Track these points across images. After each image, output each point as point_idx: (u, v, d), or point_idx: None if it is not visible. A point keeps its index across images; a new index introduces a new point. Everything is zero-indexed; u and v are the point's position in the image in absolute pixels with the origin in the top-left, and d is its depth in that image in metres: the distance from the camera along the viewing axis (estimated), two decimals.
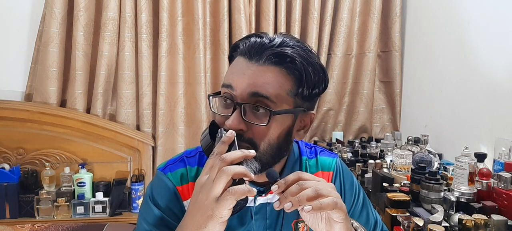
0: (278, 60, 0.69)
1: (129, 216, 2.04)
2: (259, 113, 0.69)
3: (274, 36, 0.72)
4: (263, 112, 0.69)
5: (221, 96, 0.72)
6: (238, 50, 0.73)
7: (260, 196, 0.78)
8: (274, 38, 0.71)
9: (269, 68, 0.69)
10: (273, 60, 0.69)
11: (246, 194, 0.58)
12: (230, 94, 0.70)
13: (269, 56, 0.69)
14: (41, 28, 2.08)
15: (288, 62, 0.69)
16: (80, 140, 2.10)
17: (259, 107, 0.68)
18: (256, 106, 0.69)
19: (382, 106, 2.52)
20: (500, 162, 1.36)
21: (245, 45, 0.72)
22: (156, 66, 2.20)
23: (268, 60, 0.69)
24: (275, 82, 0.69)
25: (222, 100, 0.73)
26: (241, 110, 0.68)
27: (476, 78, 1.67)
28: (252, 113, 0.69)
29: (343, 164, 0.90)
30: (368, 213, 0.88)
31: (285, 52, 0.69)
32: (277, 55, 0.69)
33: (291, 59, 0.69)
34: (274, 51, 0.69)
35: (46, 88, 2.05)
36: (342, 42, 2.35)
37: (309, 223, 0.67)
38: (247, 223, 0.78)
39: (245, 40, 0.73)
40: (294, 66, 0.69)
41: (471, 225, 1.06)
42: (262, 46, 0.70)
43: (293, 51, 0.69)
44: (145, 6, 2.13)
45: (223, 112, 0.72)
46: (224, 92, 0.72)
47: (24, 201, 1.97)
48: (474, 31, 1.70)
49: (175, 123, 2.25)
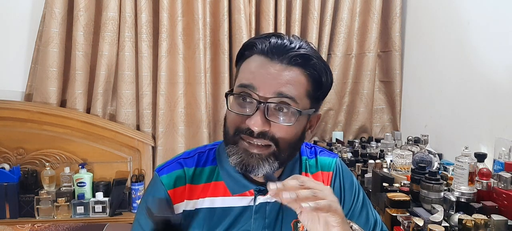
0: (302, 62, 0.70)
1: (129, 216, 2.04)
2: (282, 113, 0.70)
3: (291, 38, 0.73)
4: (286, 112, 0.70)
5: (241, 95, 0.71)
6: (255, 49, 0.72)
7: (260, 195, 0.78)
8: (292, 40, 0.72)
9: (292, 69, 0.70)
10: (298, 61, 0.70)
11: None
12: (251, 94, 0.69)
13: (293, 57, 0.69)
14: (41, 28, 2.08)
15: (311, 65, 0.71)
16: (80, 140, 2.10)
17: (283, 107, 0.69)
18: (279, 106, 0.69)
19: (382, 106, 2.52)
20: (500, 162, 1.36)
21: (266, 45, 0.71)
22: (156, 66, 2.20)
23: (293, 61, 0.70)
24: (298, 83, 0.70)
25: (239, 99, 0.71)
26: (264, 110, 0.68)
27: (476, 78, 1.67)
28: (275, 113, 0.70)
29: (343, 164, 0.91)
30: (368, 213, 0.88)
31: (309, 55, 0.71)
32: (302, 57, 0.70)
33: (313, 62, 0.71)
34: (298, 53, 0.70)
35: (46, 88, 2.05)
36: (342, 42, 2.35)
37: (308, 227, 0.67)
38: (246, 221, 0.78)
39: (263, 40, 0.72)
40: (314, 68, 0.71)
41: (471, 225, 1.06)
42: (285, 47, 0.70)
43: (313, 54, 0.71)
44: (145, 6, 2.13)
45: (240, 111, 0.71)
46: (242, 91, 0.71)
47: (24, 201, 1.97)
48: (474, 31, 1.70)
49: (175, 123, 2.25)
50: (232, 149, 0.72)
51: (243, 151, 0.71)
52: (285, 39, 0.72)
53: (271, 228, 0.79)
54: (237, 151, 0.71)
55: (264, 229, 0.79)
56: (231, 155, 0.72)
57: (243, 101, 0.71)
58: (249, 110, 0.70)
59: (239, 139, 0.71)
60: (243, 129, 0.70)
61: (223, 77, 2.25)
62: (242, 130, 0.70)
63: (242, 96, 0.71)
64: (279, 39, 0.72)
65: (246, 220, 0.78)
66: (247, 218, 0.78)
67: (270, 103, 0.68)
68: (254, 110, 0.68)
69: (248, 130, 0.69)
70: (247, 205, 0.78)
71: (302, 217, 0.67)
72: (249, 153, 0.70)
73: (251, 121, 0.68)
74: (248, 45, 0.74)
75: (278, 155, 0.71)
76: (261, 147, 0.70)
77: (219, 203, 0.78)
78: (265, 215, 0.79)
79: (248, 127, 0.69)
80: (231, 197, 0.78)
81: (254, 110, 0.68)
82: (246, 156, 0.70)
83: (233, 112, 0.72)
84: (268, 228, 0.79)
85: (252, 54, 0.73)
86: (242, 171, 0.71)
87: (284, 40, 0.72)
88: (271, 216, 0.79)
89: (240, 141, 0.71)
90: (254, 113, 0.68)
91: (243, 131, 0.70)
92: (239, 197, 0.78)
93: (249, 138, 0.70)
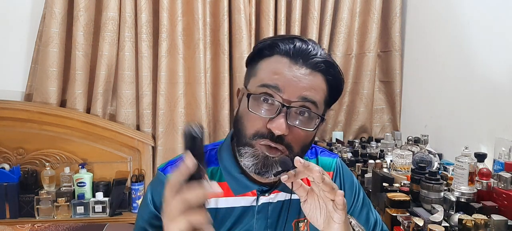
0: (325, 68, 0.70)
1: (129, 216, 2.04)
2: (302, 117, 0.69)
3: (312, 44, 0.72)
4: (307, 116, 0.69)
5: (262, 95, 0.68)
6: (276, 49, 0.71)
7: (262, 195, 0.78)
8: (315, 46, 0.71)
9: (316, 74, 0.70)
10: (322, 67, 0.70)
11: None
12: (274, 95, 0.68)
13: (318, 63, 0.69)
14: (41, 28, 2.08)
15: (332, 72, 0.71)
16: (80, 140, 2.10)
17: (305, 111, 0.69)
18: (301, 110, 0.69)
19: (382, 106, 2.52)
20: (500, 162, 1.36)
21: (290, 47, 0.70)
22: (156, 66, 2.20)
23: (317, 67, 0.69)
24: (320, 88, 0.70)
25: (259, 99, 0.69)
26: (286, 113, 0.67)
27: (476, 78, 1.67)
28: (295, 117, 0.69)
29: (343, 164, 0.91)
30: (368, 213, 0.88)
31: (332, 62, 0.71)
32: (325, 63, 0.70)
33: (335, 70, 0.72)
34: (323, 59, 0.70)
35: (46, 88, 2.05)
36: (342, 42, 2.35)
37: (309, 215, 0.68)
38: (249, 221, 0.78)
39: (287, 41, 0.71)
40: (334, 76, 0.72)
41: (471, 225, 1.06)
42: (310, 53, 0.70)
43: (334, 62, 0.72)
44: (145, 6, 2.13)
45: (259, 112, 0.68)
46: (264, 91, 0.68)
47: (24, 201, 1.97)
48: (474, 31, 1.70)
49: (175, 123, 2.25)
50: (248, 151, 0.69)
51: (261, 154, 0.68)
52: (310, 44, 0.71)
53: (273, 228, 0.79)
54: (254, 153, 0.69)
55: (267, 229, 0.79)
56: (246, 157, 0.70)
57: (263, 102, 0.69)
58: (270, 113, 0.68)
59: (257, 142, 0.69)
60: (263, 132, 0.68)
61: (223, 77, 2.25)
62: (263, 134, 0.68)
63: (263, 97, 0.68)
64: (303, 43, 0.70)
65: (249, 220, 0.78)
66: (249, 218, 0.78)
67: (293, 107, 0.67)
68: (276, 113, 0.67)
69: (268, 133, 0.67)
70: (250, 205, 0.78)
71: (305, 206, 0.67)
72: (265, 157, 0.68)
73: (273, 123, 0.66)
74: (269, 44, 0.72)
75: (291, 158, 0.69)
76: (276, 151, 0.68)
77: (223, 203, 0.78)
78: (267, 215, 0.79)
79: (269, 130, 0.67)
80: (234, 198, 0.78)
81: (276, 113, 0.67)
82: (263, 160, 0.68)
83: (254, 113, 0.68)
84: (270, 228, 0.79)
85: (273, 54, 0.71)
86: (255, 173, 0.70)
87: (309, 46, 0.70)
88: (273, 216, 0.80)
89: (258, 144, 0.69)
90: (277, 116, 0.67)
91: (264, 135, 0.68)
92: (242, 197, 0.78)
93: (267, 141, 0.68)
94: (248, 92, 0.70)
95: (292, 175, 0.62)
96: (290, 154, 0.69)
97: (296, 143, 0.69)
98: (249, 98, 0.69)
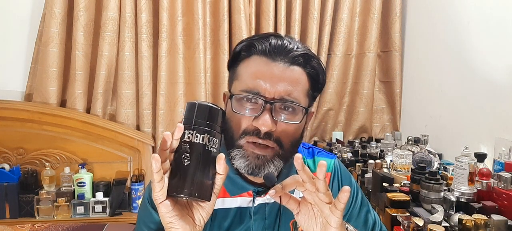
0: (303, 61, 0.71)
1: (129, 216, 2.04)
2: (287, 112, 0.70)
3: (288, 38, 0.73)
4: (292, 110, 0.70)
5: (246, 96, 0.70)
6: (253, 50, 0.72)
7: (259, 196, 0.78)
8: (291, 41, 0.73)
9: (295, 69, 0.71)
10: (300, 61, 0.71)
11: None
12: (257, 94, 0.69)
13: (296, 57, 0.70)
14: (41, 28, 2.08)
15: (311, 64, 0.72)
16: (80, 140, 2.10)
17: (289, 106, 0.70)
18: (285, 105, 0.70)
19: (382, 106, 2.52)
20: (500, 162, 1.36)
21: (265, 45, 0.71)
22: (156, 66, 2.20)
23: (295, 61, 0.71)
24: (300, 81, 0.71)
25: (243, 100, 0.70)
26: (271, 110, 0.68)
27: (476, 78, 1.67)
28: (280, 112, 0.70)
29: (341, 164, 0.90)
30: (366, 214, 0.88)
31: (309, 54, 0.72)
32: (303, 56, 0.71)
33: (313, 62, 0.73)
34: (299, 52, 0.71)
35: (46, 88, 2.05)
36: (342, 42, 2.35)
37: (305, 227, 0.67)
38: (246, 223, 0.78)
39: (262, 40, 0.72)
40: (313, 68, 0.73)
41: (471, 225, 1.05)
42: (286, 48, 0.71)
43: (312, 54, 0.73)
44: (145, 6, 2.13)
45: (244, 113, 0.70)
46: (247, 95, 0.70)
47: (24, 201, 1.97)
48: (474, 31, 1.70)
49: (175, 123, 2.23)
50: (238, 153, 0.70)
51: (250, 154, 0.69)
52: (285, 40, 0.72)
53: (270, 228, 0.79)
54: (244, 154, 0.70)
55: (264, 229, 0.79)
56: (237, 159, 0.70)
57: (246, 102, 0.70)
58: (254, 111, 0.69)
59: (245, 142, 0.70)
60: (249, 130, 0.69)
61: (223, 77, 2.24)
62: (249, 131, 0.69)
63: (250, 97, 0.70)
64: (279, 39, 0.72)
65: (246, 222, 0.78)
66: (247, 219, 0.78)
67: (276, 102, 0.68)
68: (260, 110, 0.68)
69: (255, 131, 0.68)
70: (246, 206, 0.78)
71: (299, 218, 0.66)
72: (256, 155, 0.69)
73: (258, 121, 0.68)
74: (246, 45, 0.73)
75: (282, 155, 0.71)
76: (266, 148, 0.69)
77: (219, 204, 0.78)
78: (264, 216, 0.79)
79: (255, 128, 0.68)
80: (230, 198, 0.78)
81: (260, 111, 0.68)
82: (253, 159, 0.69)
83: (239, 113, 0.70)
84: (268, 228, 0.79)
85: (250, 55, 0.73)
86: (248, 173, 0.71)
87: (284, 41, 0.72)
88: (270, 217, 0.79)
89: (246, 144, 0.70)
90: (262, 113, 0.68)
91: (250, 132, 0.69)
92: (238, 198, 0.78)
93: (255, 138, 0.69)
94: (231, 94, 0.72)
95: (280, 188, 0.61)
96: (281, 149, 0.70)
97: (285, 137, 0.70)
98: (232, 99, 0.71)
